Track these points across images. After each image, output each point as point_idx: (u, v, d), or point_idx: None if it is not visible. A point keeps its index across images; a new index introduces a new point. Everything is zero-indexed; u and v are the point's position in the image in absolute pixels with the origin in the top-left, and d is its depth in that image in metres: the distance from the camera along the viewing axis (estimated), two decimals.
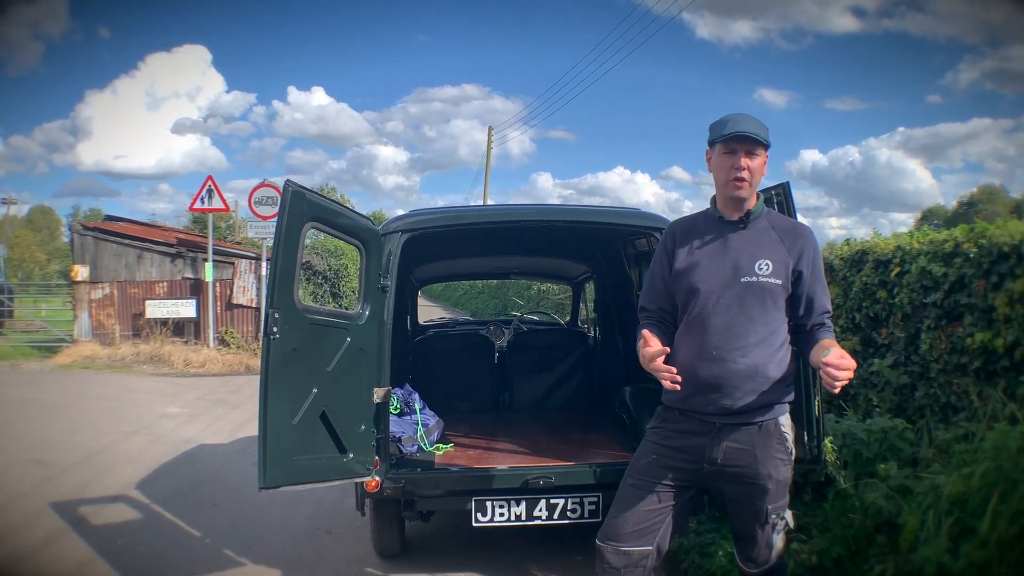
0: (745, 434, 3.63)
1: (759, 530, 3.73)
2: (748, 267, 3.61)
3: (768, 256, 3.62)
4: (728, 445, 3.63)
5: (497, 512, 5.08)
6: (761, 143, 3.58)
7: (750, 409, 3.60)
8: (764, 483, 3.63)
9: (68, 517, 7.11)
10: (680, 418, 3.77)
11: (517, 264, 9.42)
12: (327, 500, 7.37)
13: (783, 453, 3.67)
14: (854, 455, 5.48)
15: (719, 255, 3.69)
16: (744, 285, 3.60)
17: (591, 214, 6.11)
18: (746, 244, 3.67)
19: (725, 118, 3.64)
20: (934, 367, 5.89)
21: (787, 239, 3.67)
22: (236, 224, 34.05)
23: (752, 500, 3.68)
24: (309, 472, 4.63)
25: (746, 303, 3.60)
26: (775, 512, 3.70)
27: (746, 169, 3.57)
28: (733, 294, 3.61)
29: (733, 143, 3.58)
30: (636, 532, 3.75)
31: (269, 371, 4.33)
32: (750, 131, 3.54)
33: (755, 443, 3.62)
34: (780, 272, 3.61)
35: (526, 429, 6.77)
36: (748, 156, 3.58)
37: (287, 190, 4.39)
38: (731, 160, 3.59)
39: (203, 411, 13.09)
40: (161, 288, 20.55)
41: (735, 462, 3.64)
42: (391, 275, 5.17)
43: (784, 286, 3.62)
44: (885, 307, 6.47)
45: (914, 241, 6.25)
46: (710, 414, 3.65)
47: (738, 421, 3.62)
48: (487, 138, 45.05)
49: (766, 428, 3.64)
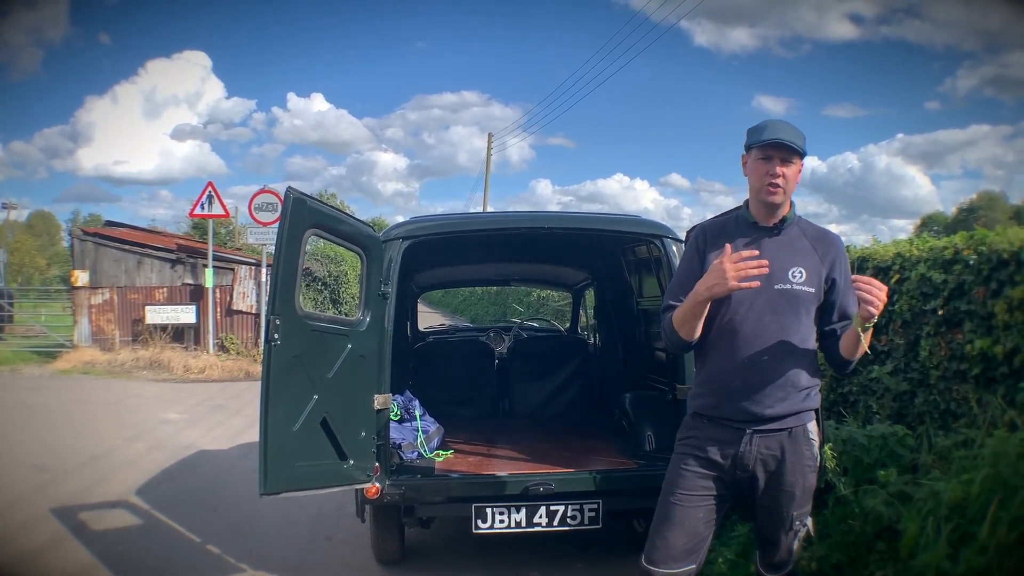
0: (775, 441, 3.61)
1: (783, 536, 3.73)
2: (782, 274, 3.58)
3: (802, 264, 3.61)
4: (760, 452, 3.61)
5: (497, 519, 5.08)
6: (797, 151, 3.56)
7: (780, 416, 3.58)
8: (792, 489, 3.63)
9: (68, 522, 7.11)
10: (709, 426, 3.71)
11: (517, 271, 9.43)
12: (328, 506, 7.37)
13: (811, 459, 3.66)
14: (854, 461, 5.46)
15: None
16: (778, 292, 3.58)
17: (591, 221, 6.13)
18: (780, 251, 3.63)
19: (763, 123, 3.63)
20: (934, 374, 5.87)
21: (819, 247, 3.67)
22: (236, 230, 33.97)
23: (780, 506, 3.67)
24: (310, 478, 4.64)
25: (779, 311, 3.59)
26: (799, 519, 3.70)
27: (781, 176, 3.55)
28: (766, 301, 3.58)
29: (770, 149, 3.56)
30: (686, 551, 3.68)
31: (270, 378, 4.34)
32: (787, 139, 3.52)
33: (785, 449, 3.61)
34: (813, 280, 3.60)
35: (526, 436, 6.77)
36: (783, 163, 3.55)
37: (288, 197, 4.40)
38: (766, 166, 3.57)
39: (203, 417, 13.10)
40: (161, 294, 20.55)
41: (767, 469, 3.63)
42: (392, 282, 5.18)
43: (816, 295, 3.61)
44: (885, 314, 6.43)
45: (913, 248, 6.23)
46: (741, 421, 3.62)
47: (769, 428, 3.60)
48: (487, 145, 45.01)
49: (795, 435, 3.62)
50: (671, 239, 5.66)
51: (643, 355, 7.20)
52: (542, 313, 19.45)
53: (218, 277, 20.01)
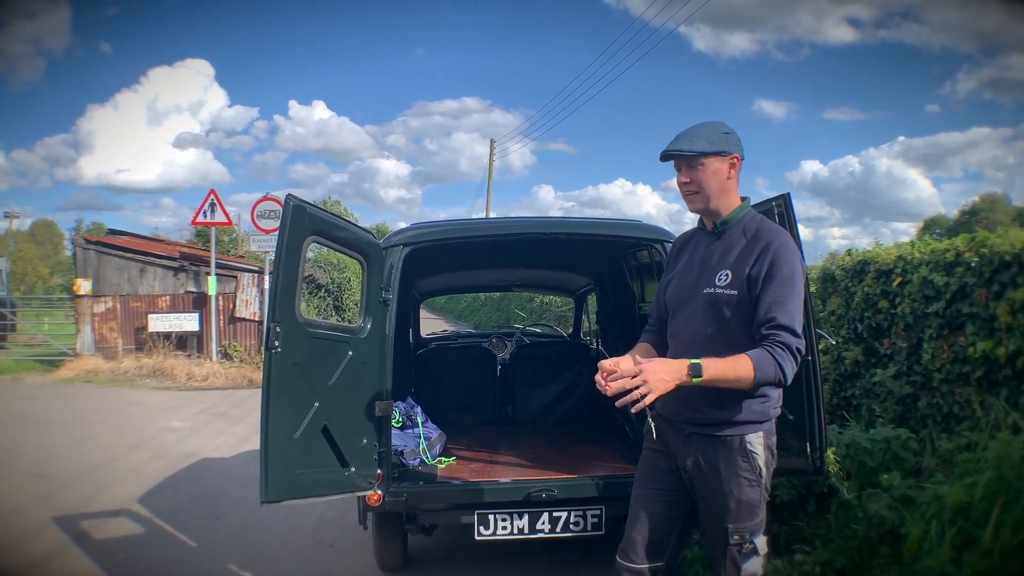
0: (710, 447, 3.53)
1: (723, 551, 3.55)
2: (711, 278, 3.56)
3: (731, 266, 3.53)
4: (696, 455, 3.57)
5: (499, 525, 5.05)
6: (692, 155, 3.52)
7: (716, 422, 3.51)
8: (727, 501, 3.50)
9: (70, 531, 7.11)
10: (661, 423, 3.75)
11: (519, 277, 9.40)
12: (330, 513, 7.36)
13: (749, 472, 3.50)
14: (857, 465, 5.45)
15: (693, 267, 3.70)
16: (705, 296, 3.56)
17: (592, 227, 6.10)
18: (715, 255, 3.62)
19: None
20: (936, 377, 5.88)
21: (751, 246, 3.54)
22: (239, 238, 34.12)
23: (715, 517, 3.55)
24: (311, 486, 4.62)
25: (706, 315, 3.55)
26: (738, 533, 3.50)
27: (688, 181, 3.56)
28: (695, 306, 3.60)
29: (674, 162, 3.60)
30: (648, 547, 3.69)
31: (271, 385, 4.33)
32: (674, 148, 3.53)
33: (719, 457, 3.51)
34: (737, 282, 3.49)
35: (528, 442, 6.75)
36: (689, 169, 3.55)
37: (288, 204, 4.39)
38: (678, 178, 3.60)
39: (206, 425, 13.09)
40: (164, 302, 20.56)
41: (702, 474, 3.56)
42: (392, 288, 5.16)
43: (741, 296, 3.47)
44: (887, 317, 6.47)
45: (915, 251, 6.24)
46: (681, 421, 3.62)
47: (704, 432, 3.55)
48: (489, 151, 45.09)
49: (731, 444, 3.50)
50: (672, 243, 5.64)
51: None
52: (545, 319, 19.40)
53: (221, 285, 20.02)
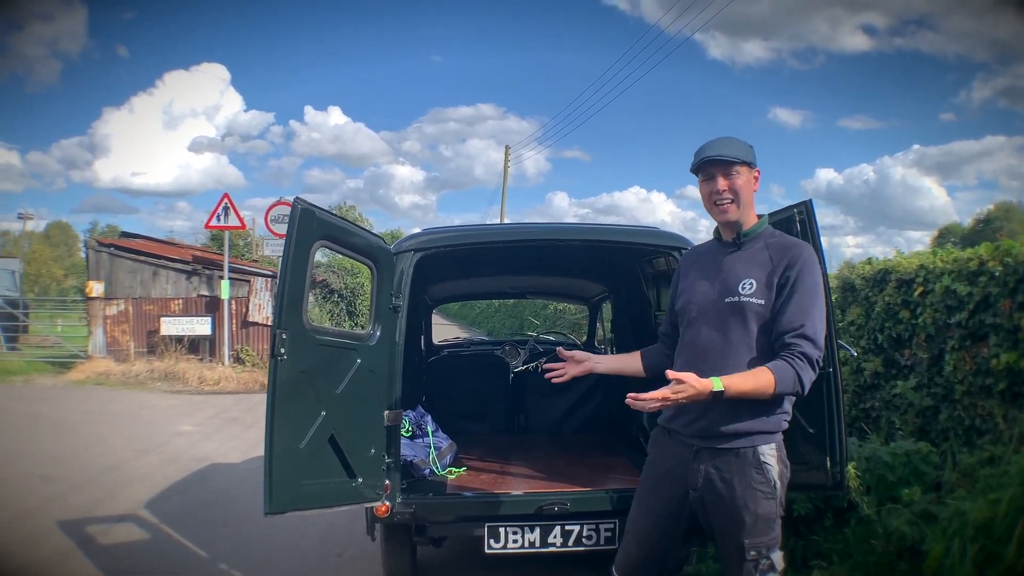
0: (723, 461, 3.52)
1: (739, 566, 3.52)
2: (733, 287, 3.57)
3: (755, 276, 3.56)
4: (707, 471, 3.54)
5: (510, 538, 4.95)
6: (735, 162, 3.58)
7: (728, 434, 3.50)
8: (742, 515, 3.47)
9: (75, 536, 7.06)
10: (668, 441, 3.73)
11: (533, 284, 9.32)
12: (338, 522, 7.27)
13: (764, 485, 3.49)
14: (877, 479, 5.38)
15: (711, 277, 3.69)
16: (728, 305, 3.56)
17: (607, 233, 6.00)
18: (736, 265, 3.63)
19: (701, 146, 3.67)
20: (958, 389, 5.81)
21: (776, 256, 3.58)
22: (253, 242, 34.25)
23: (731, 533, 3.53)
24: (317, 497, 4.53)
25: (728, 324, 3.55)
26: (755, 548, 3.47)
27: (726, 190, 3.59)
28: (716, 314, 3.59)
29: (708, 168, 3.61)
30: (644, 562, 3.74)
31: (276, 393, 4.22)
32: (717, 153, 3.57)
33: (733, 471, 3.49)
34: (763, 292, 3.52)
35: (541, 453, 6.65)
36: (726, 177, 3.59)
37: (296, 208, 4.30)
38: (710, 185, 3.62)
39: (217, 429, 13.06)
40: (176, 305, 20.59)
41: (714, 490, 3.53)
42: (403, 295, 5.08)
43: (768, 306, 3.51)
44: (908, 327, 6.37)
45: (937, 260, 6.15)
46: (690, 436, 3.60)
47: (716, 446, 3.53)
48: (504, 157, 45.13)
49: (744, 456, 3.49)
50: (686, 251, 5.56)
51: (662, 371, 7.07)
52: (558, 326, 19.34)
53: (234, 289, 20.03)
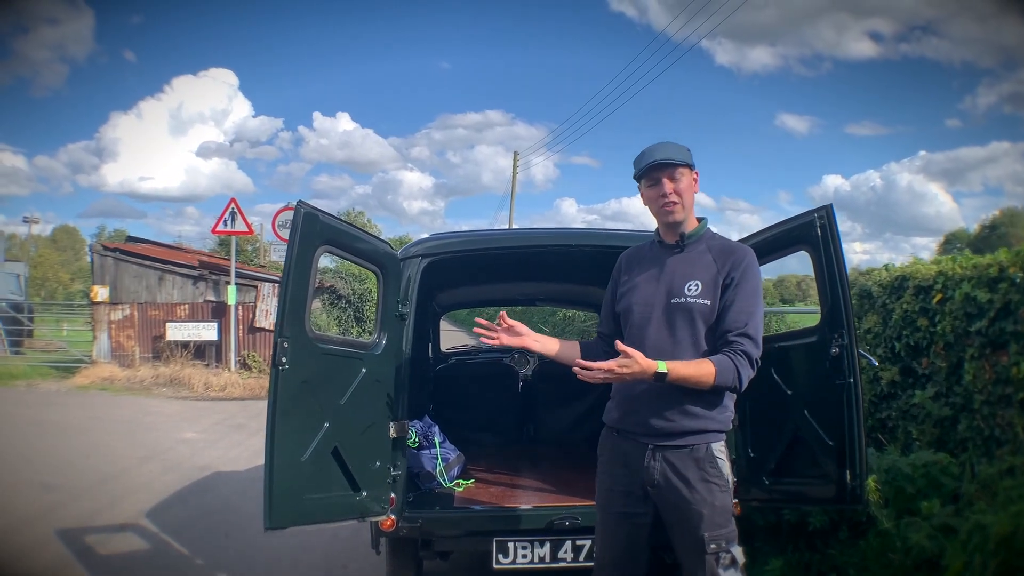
0: (676, 457, 3.59)
1: (701, 561, 3.55)
2: (679, 288, 3.66)
3: (699, 277, 3.66)
4: (662, 467, 3.60)
5: (520, 554, 4.84)
6: (679, 164, 3.68)
7: (681, 432, 3.58)
8: (699, 507, 3.54)
9: (73, 546, 6.98)
10: (618, 439, 3.79)
11: (543, 290, 9.20)
12: (343, 533, 7.18)
13: (717, 479, 3.59)
14: (895, 491, 5.27)
15: (654, 278, 3.77)
16: (674, 306, 3.65)
17: (618, 238, 5.86)
18: (680, 266, 3.73)
19: (642, 152, 3.75)
20: (978, 398, 5.71)
21: (720, 259, 3.69)
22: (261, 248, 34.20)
23: (689, 527, 3.57)
24: (319, 511, 4.42)
25: (674, 324, 3.64)
26: (715, 541, 3.53)
27: (672, 192, 3.69)
28: (662, 315, 3.67)
29: (653, 172, 3.70)
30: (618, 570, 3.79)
31: (277, 404, 4.12)
32: (663, 157, 3.66)
33: (687, 466, 3.57)
34: (709, 293, 3.62)
35: (551, 464, 6.56)
36: (671, 180, 3.69)
37: (299, 211, 4.17)
38: (656, 189, 3.72)
39: (221, 436, 12.98)
40: (182, 310, 20.55)
41: (672, 487, 3.59)
42: (410, 302, 4.97)
43: (713, 307, 3.62)
44: (926, 335, 6.24)
45: (956, 266, 6.03)
46: (643, 435, 3.66)
47: (669, 444, 3.60)
48: (513, 163, 45.09)
49: (697, 452, 3.58)
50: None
51: None
52: (567, 333, 19.24)
53: (241, 294, 20.01)
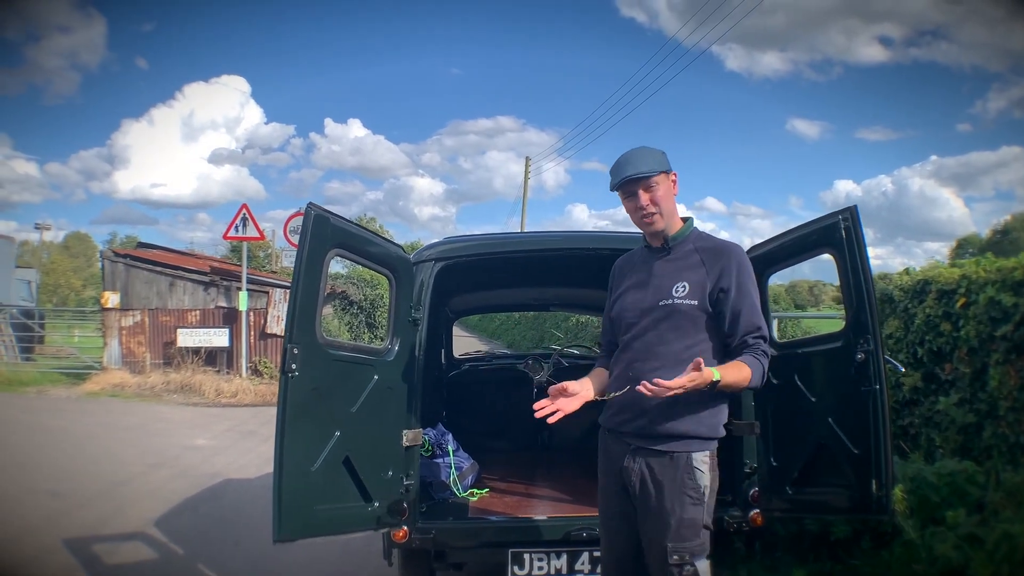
0: (655, 463, 3.59)
1: (661, 569, 3.54)
2: (666, 291, 3.69)
3: (686, 278, 3.68)
4: (641, 469, 3.61)
5: (536, 565, 4.72)
6: (653, 174, 3.67)
7: (664, 436, 3.57)
8: (668, 519, 3.52)
9: (80, 555, 6.90)
10: (608, 439, 3.81)
11: (557, 295, 9.11)
12: (355, 542, 7.03)
13: (692, 491, 3.55)
14: (920, 501, 5.15)
15: (644, 283, 3.81)
16: (662, 308, 3.67)
17: (635, 241, 5.74)
18: (668, 269, 3.76)
19: (616, 163, 3.75)
20: (1003, 405, 5.63)
21: (708, 260, 3.71)
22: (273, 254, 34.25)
23: (656, 535, 3.56)
24: (330, 523, 4.34)
25: (663, 326, 3.66)
26: (678, 553, 3.49)
27: (649, 203, 3.70)
28: (652, 318, 3.69)
29: (628, 186, 3.70)
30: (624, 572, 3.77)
31: (287, 412, 4.05)
32: (632, 172, 3.65)
33: (664, 473, 3.56)
34: (696, 293, 3.64)
35: (567, 472, 6.42)
36: (647, 191, 3.69)
37: (309, 214, 4.07)
38: (634, 202, 3.72)
39: (232, 443, 12.91)
40: (193, 316, 20.52)
41: (645, 490, 3.59)
42: (423, 307, 4.86)
43: (702, 307, 3.63)
44: (949, 340, 6.14)
45: (980, 269, 5.93)
46: (628, 434, 3.66)
47: (651, 447, 3.60)
48: (524, 168, 45.02)
49: (676, 460, 3.56)
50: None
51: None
52: (581, 338, 19.12)
53: (252, 300, 19.97)
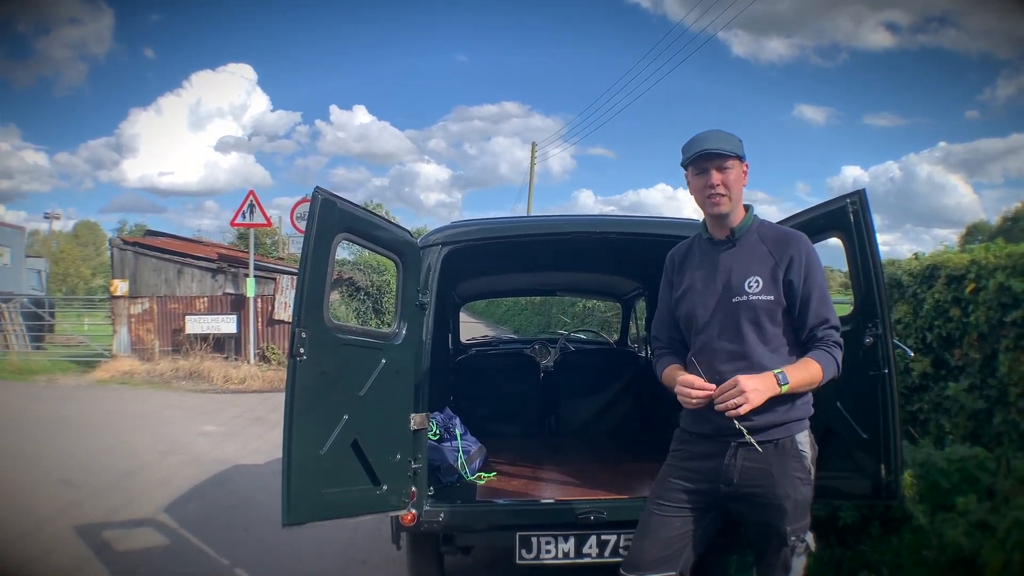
0: (761, 453, 3.51)
1: (778, 552, 3.60)
2: (738, 286, 3.59)
3: (757, 272, 3.59)
4: (744, 465, 3.55)
5: (543, 548, 4.72)
6: (730, 155, 3.58)
7: (765, 427, 3.50)
8: (782, 503, 3.52)
9: (93, 542, 6.91)
10: (695, 441, 3.71)
11: (564, 280, 9.09)
12: (363, 527, 7.06)
13: (801, 472, 3.56)
14: (930, 486, 5.13)
15: (711, 277, 3.69)
16: (736, 305, 3.58)
17: (644, 225, 5.73)
18: (735, 262, 3.65)
19: (692, 139, 3.66)
20: (1013, 391, 5.59)
21: (776, 251, 3.62)
22: (280, 241, 34.32)
23: (771, 521, 3.57)
24: (339, 506, 4.34)
25: (741, 324, 3.57)
26: (795, 534, 3.56)
27: (720, 184, 3.58)
28: (727, 315, 3.60)
29: (702, 162, 3.59)
30: (661, 559, 3.67)
31: (295, 396, 4.05)
32: (714, 147, 3.56)
33: (771, 462, 3.53)
34: (770, 288, 3.56)
35: (574, 457, 6.42)
36: (720, 171, 3.58)
37: (316, 198, 4.05)
38: (704, 179, 3.60)
39: (241, 430, 12.92)
40: (201, 303, 20.52)
41: (752, 482, 3.56)
42: (430, 291, 4.84)
43: (777, 301, 3.56)
44: (959, 326, 6.10)
45: (990, 255, 5.88)
46: (725, 436, 3.55)
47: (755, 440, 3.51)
48: (531, 153, 44.98)
49: (782, 446, 3.54)
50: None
51: None
52: (588, 324, 19.08)
53: (260, 287, 19.95)
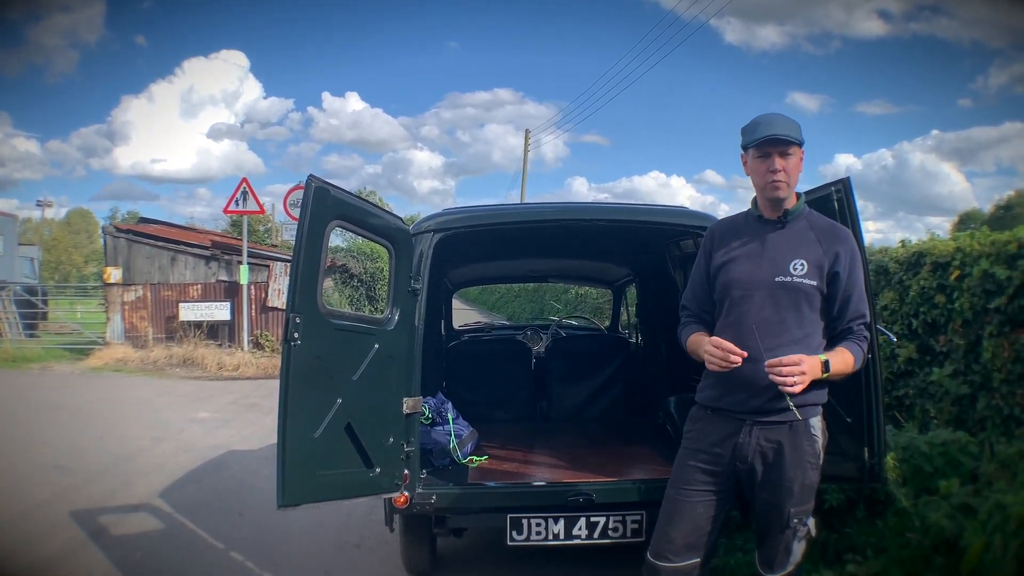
0: (775, 433, 3.60)
1: (780, 534, 3.69)
2: (783, 267, 3.64)
3: (804, 256, 3.64)
4: (760, 444, 3.62)
5: (534, 530, 4.80)
6: (793, 142, 3.61)
7: (782, 408, 3.54)
8: (791, 485, 3.60)
9: (87, 527, 6.95)
10: (713, 417, 3.77)
11: (556, 267, 9.16)
12: (357, 511, 7.14)
13: (812, 456, 3.63)
14: (913, 470, 5.21)
15: (756, 254, 3.73)
16: (778, 284, 3.63)
17: (634, 213, 5.81)
18: (783, 244, 3.70)
19: (756, 120, 3.69)
20: (996, 377, 5.63)
21: (825, 240, 3.68)
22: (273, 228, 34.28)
23: (777, 503, 3.65)
24: (333, 488, 4.40)
25: (780, 303, 3.62)
26: (797, 517, 3.65)
27: (782, 171, 3.61)
28: (767, 293, 3.64)
29: (766, 146, 3.62)
30: (686, 546, 3.73)
31: (290, 381, 4.11)
32: (781, 133, 3.59)
33: (784, 443, 3.59)
34: (815, 273, 3.62)
35: (565, 441, 6.49)
36: (782, 157, 3.62)
37: (310, 186, 4.11)
38: (766, 163, 3.64)
39: (235, 416, 12.97)
40: (195, 291, 20.57)
41: (766, 462, 3.63)
42: (422, 277, 4.90)
43: (819, 287, 3.62)
44: (944, 312, 6.16)
45: (975, 242, 5.94)
46: (742, 412, 3.64)
47: (769, 420, 3.60)
48: (524, 141, 44.87)
49: (796, 429, 3.59)
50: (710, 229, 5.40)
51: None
52: (580, 310, 19.15)
53: (253, 274, 20.01)
